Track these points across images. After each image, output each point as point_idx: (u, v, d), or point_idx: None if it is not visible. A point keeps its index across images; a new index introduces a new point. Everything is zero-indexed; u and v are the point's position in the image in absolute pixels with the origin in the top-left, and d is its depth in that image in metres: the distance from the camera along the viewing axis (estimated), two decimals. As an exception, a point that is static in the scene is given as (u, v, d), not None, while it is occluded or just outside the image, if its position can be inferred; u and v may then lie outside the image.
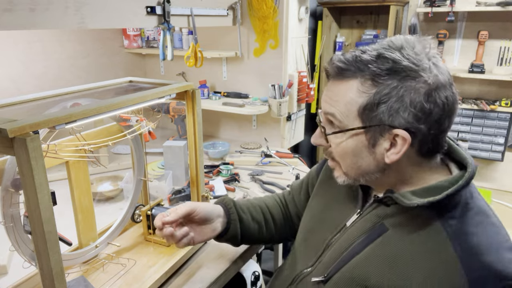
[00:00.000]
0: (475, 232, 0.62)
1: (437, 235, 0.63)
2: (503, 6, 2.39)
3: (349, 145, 0.68)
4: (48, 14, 1.08)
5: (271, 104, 1.99)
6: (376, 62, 0.63)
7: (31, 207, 0.63)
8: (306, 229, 0.90)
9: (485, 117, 2.71)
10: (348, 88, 0.66)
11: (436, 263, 0.62)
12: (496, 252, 0.60)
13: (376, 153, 0.67)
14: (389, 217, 0.70)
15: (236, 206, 0.96)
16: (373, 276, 0.67)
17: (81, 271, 0.96)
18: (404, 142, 0.64)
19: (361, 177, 0.71)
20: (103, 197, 1.49)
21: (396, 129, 0.63)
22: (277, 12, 1.90)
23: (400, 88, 0.62)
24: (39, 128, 0.62)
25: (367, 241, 0.71)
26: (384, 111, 0.63)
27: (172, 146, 1.61)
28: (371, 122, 0.65)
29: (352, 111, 0.66)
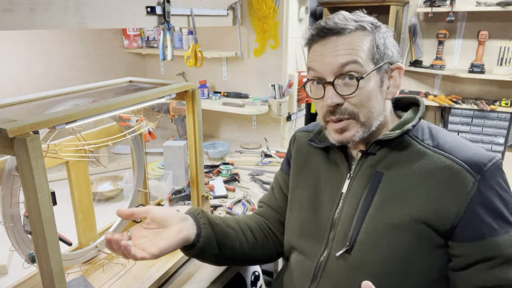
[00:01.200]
0: (449, 140, 0.77)
1: (424, 154, 0.76)
2: (503, 6, 2.39)
3: (370, 88, 0.75)
4: (48, 14, 1.08)
5: (271, 104, 1.99)
6: (364, 16, 0.78)
7: (31, 207, 0.62)
8: (300, 223, 0.89)
9: (485, 117, 2.71)
10: (358, 38, 0.75)
11: (439, 172, 0.73)
12: (470, 145, 0.77)
13: (383, 92, 0.78)
14: (379, 163, 0.79)
15: (203, 211, 0.88)
16: (395, 213, 0.74)
17: (81, 271, 0.96)
18: (400, 73, 0.80)
19: (374, 122, 0.78)
20: (103, 197, 1.49)
21: (395, 63, 0.78)
22: (277, 12, 1.90)
23: (384, 32, 0.78)
24: (39, 128, 0.62)
25: (372, 192, 0.77)
26: (386, 50, 0.77)
27: (172, 146, 1.61)
28: (381, 62, 0.76)
29: (367, 55, 0.75)
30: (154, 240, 0.76)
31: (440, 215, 0.71)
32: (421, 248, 0.73)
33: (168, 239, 0.77)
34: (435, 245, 0.73)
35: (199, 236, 0.83)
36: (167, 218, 0.80)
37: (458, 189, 0.71)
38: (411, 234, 0.73)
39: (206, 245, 0.84)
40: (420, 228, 0.72)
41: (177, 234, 0.78)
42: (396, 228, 0.73)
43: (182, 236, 0.79)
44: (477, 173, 0.71)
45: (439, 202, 0.71)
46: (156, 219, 0.79)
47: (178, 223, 0.80)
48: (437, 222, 0.71)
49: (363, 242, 0.76)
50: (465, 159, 0.73)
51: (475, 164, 0.72)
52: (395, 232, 0.73)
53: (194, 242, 0.82)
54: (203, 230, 0.84)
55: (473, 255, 0.71)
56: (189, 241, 0.81)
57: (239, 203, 1.48)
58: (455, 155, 0.74)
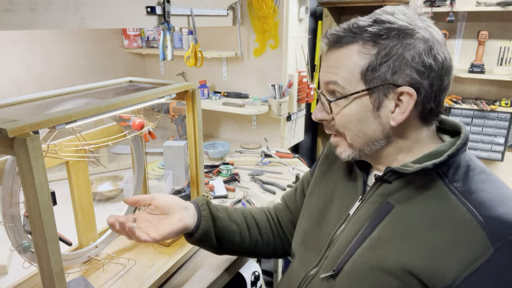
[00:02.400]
0: (482, 188, 0.63)
1: (445, 199, 0.63)
2: (503, 6, 2.39)
3: (353, 111, 0.67)
4: (48, 14, 1.08)
5: (271, 104, 1.99)
6: (373, 25, 0.64)
7: (31, 207, 0.62)
8: (304, 232, 0.86)
9: (485, 117, 2.71)
10: (349, 53, 0.66)
11: (451, 226, 0.61)
12: (508, 203, 0.61)
13: (382, 117, 0.67)
14: (393, 194, 0.69)
15: (208, 203, 0.89)
16: (388, 256, 0.65)
17: (81, 271, 0.96)
18: (410, 99, 0.64)
19: (366, 147, 0.70)
20: (103, 197, 1.49)
21: (400, 87, 0.64)
22: (277, 12, 1.90)
23: (400, 46, 0.63)
24: (39, 128, 0.62)
25: (374, 223, 0.69)
26: (387, 70, 0.64)
27: (172, 146, 1.61)
28: (375, 83, 0.65)
29: (354, 75, 0.66)
30: (156, 225, 0.81)
31: (434, 274, 0.60)
32: None
33: (169, 225, 0.80)
34: None
35: (197, 228, 0.84)
36: (170, 205, 0.83)
37: (467, 251, 0.58)
38: (399, 284, 0.63)
39: (203, 237, 0.85)
40: (408, 281, 0.62)
41: (178, 222, 0.81)
42: (385, 272, 0.65)
43: (182, 224, 0.82)
44: (497, 240, 0.57)
45: (440, 259, 0.60)
46: (160, 206, 0.83)
47: (180, 211, 0.83)
48: (430, 280, 0.60)
49: (348, 274, 0.69)
50: (490, 217, 0.59)
51: (499, 228, 0.58)
52: (383, 275, 0.65)
53: (193, 232, 0.84)
54: (203, 223, 0.85)
55: None
56: (189, 230, 0.84)
57: (239, 203, 1.48)
58: (480, 209, 0.60)
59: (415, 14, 0.66)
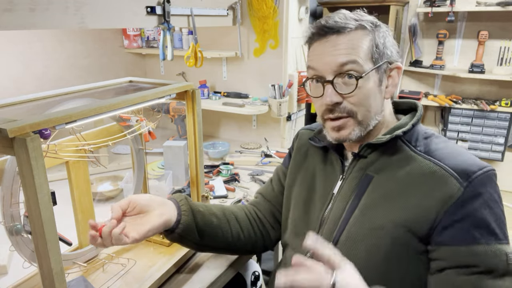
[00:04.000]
0: (440, 147, 0.76)
1: (414, 160, 0.76)
2: (503, 6, 2.39)
3: (369, 88, 0.76)
4: (48, 14, 1.08)
5: (271, 104, 1.99)
6: (364, 15, 0.78)
7: (31, 207, 0.62)
8: (292, 221, 0.91)
9: (485, 117, 2.71)
10: (358, 37, 0.75)
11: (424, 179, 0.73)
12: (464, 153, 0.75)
13: (382, 91, 0.78)
14: (370, 166, 0.79)
15: (187, 198, 0.90)
16: (378, 217, 0.74)
17: (81, 271, 0.96)
18: (399, 72, 0.80)
19: (372, 122, 0.78)
20: (103, 197, 1.49)
21: (394, 63, 0.79)
22: (277, 12, 1.90)
23: (383, 32, 0.78)
24: (39, 128, 0.62)
25: (360, 194, 0.78)
26: (386, 49, 0.77)
27: (172, 146, 1.61)
28: (380, 61, 0.76)
29: (367, 55, 0.75)
30: (134, 225, 0.79)
31: (419, 220, 0.71)
32: (399, 254, 0.73)
33: (148, 223, 0.79)
34: (414, 251, 0.72)
35: (178, 222, 0.84)
36: (148, 204, 0.82)
37: (442, 194, 0.70)
38: (390, 239, 0.73)
39: (185, 232, 0.85)
40: (400, 233, 0.72)
41: (159, 218, 0.81)
42: (376, 231, 0.74)
43: (163, 219, 0.81)
44: (465, 180, 0.70)
45: (421, 207, 0.71)
46: (137, 206, 0.81)
47: (158, 207, 0.82)
48: (416, 226, 0.71)
49: (345, 243, 0.77)
50: (453, 166, 0.72)
51: (463, 171, 0.71)
52: (375, 235, 0.74)
53: (174, 228, 0.84)
54: (183, 217, 0.85)
55: (448, 259, 0.70)
56: (170, 226, 0.83)
57: (239, 203, 1.48)
58: (444, 161, 0.73)
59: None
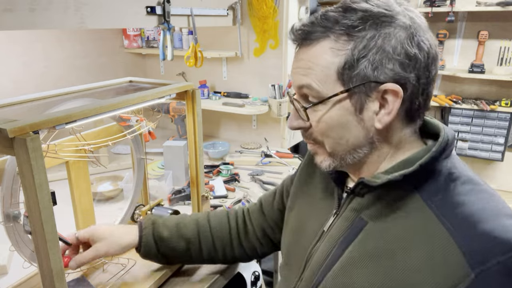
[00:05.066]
0: (465, 201, 0.54)
1: (421, 215, 0.55)
2: (503, 6, 2.39)
3: (333, 117, 0.58)
4: (48, 14, 1.08)
5: (271, 104, 1.99)
6: (345, 16, 0.56)
7: (31, 207, 0.62)
8: (286, 250, 0.80)
9: (485, 117, 2.71)
10: (321, 51, 0.57)
11: (426, 247, 0.53)
12: (494, 218, 0.52)
13: (365, 120, 0.58)
14: (365, 209, 0.61)
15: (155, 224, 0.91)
16: (359, 281, 0.58)
17: (81, 271, 0.96)
18: (396, 97, 0.55)
19: (348, 155, 0.61)
20: (103, 197, 1.49)
21: (384, 84, 0.55)
22: (277, 12, 1.90)
23: (378, 36, 0.54)
24: (39, 128, 0.62)
25: (346, 242, 0.62)
26: (367, 66, 0.55)
27: (172, 146, 1.61)
28: (355, 82, 0.56)
29: (330, 76, 0.57)
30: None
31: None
32: None
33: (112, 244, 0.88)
34: None
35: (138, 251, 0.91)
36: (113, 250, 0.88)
37: (442, 274, 0.51)
38: None
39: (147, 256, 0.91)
40: None
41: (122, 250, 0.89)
42: None
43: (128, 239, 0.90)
44: (478, 264, 0.49)
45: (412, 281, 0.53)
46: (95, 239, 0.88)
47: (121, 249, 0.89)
48: None
49: None
50: (470, 237, 0.51)
51: (480, 250, 0.50)
52: None
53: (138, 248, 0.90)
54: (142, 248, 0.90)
55: None
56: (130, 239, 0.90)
57: (239, 203, 1.48)
58: (460, 227, 0.52)
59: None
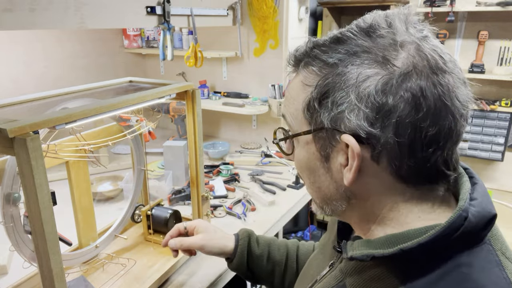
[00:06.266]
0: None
1: None
2: (503, 6, 2.39)
3: (302, 157, 0.52)
4: (48, 14, 1.08)
5: (271, 104, 1.99)
6: (330, 47, 0.47)
7: (31, 207, 0.62)
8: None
9: (485, 117, 2.71)
10: (296, 83, 0.50)
11: None
12: None
13: (332, 171, 0.49)
14: (349, 276, 0.51)
15: (251, 238, 0.88)
16: None
17: (81, 271, 0.96)
18: (354, 155, 0.44)
19: (325, 205, 0.53)
20: (103, 197, 1.49)
21: (343, 134, 0.45)
22: (277, 12, 1.90)
23: (346, 73, 0.43)
24: (39, 128, 0.62)
25: None
26: (326, 109, 0.45)
27: (172, 146, 1.61)
28: (315, 125, 0.47)
29: (299, 112, 0.49)
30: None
31: None
32: None
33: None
34: None
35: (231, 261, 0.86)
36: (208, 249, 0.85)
37: None
38: None
39: (235, 271, 0.87)
40: None
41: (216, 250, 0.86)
42: None
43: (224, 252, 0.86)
44: None
45: None
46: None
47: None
48: None
49: None
50: None
51: None
52: None
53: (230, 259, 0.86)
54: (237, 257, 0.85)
55: None
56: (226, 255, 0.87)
57: (239, 203, 1.48)
58: None
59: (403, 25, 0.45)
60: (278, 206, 1.46)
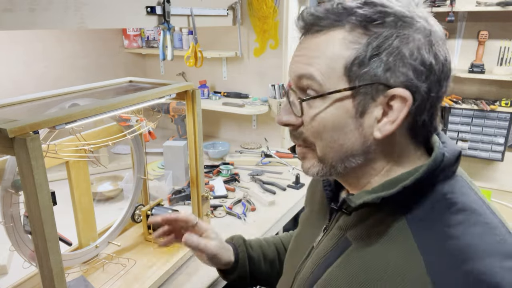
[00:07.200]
0: (453, 234, 0.46)
1: (403, 242, 0.49)
2: (503, 6, 2.39)
3: (329, 116, 0.52)
4: (48, 14, 1.08)
5: (271, 104, 1.99)
6: (364, 8, 0.50)
7: (31, 207, 0.62)
8: (284, 267, 0.77)
9: (485, 117, 2.71)
10: (330, 41, 0.51)
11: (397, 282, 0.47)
12: (485, 257, 0.44)
13: (364, 126, 0.52)
14: (351, 228, 0.56)
15: (246, 243, 0.88)
16: None
17: (81, 271, 0.96)
18: (404, 105, 0.49)
19: (339, 163, 0.55)
20: (103, 197, 1.49)
21: (393, 88, 0.49)
22: (277, 12, 1.90)
23: (396, 36, 0.49)
24: (39, 128, 0.62)
25: (328, 262, 0.57)
26: (379, 65, 0.49)
27: (172, 146, 1.61)
28: (362, 81, 0.50)
29: (336, 69, 0.51)
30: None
31: None
32: None
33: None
34: None
35: (234, 270, 0.84)
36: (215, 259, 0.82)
37: None
38: None
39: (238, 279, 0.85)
40: None
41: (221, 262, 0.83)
42: None
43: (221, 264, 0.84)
44: None
45: None
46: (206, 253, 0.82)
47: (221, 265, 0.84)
48: None
49: None
50: (450, 281, 0.43)
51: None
52: None
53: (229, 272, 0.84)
54: (239, 265, 0.84)
55: None
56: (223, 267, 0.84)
57: (239, 203, 1.48)
58: (441, 268, 0.45)
59: (412, 1, 0.52)
60: (278, 206, 1.47)
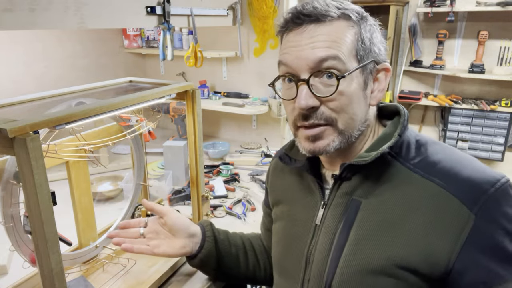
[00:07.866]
0: (440, 159, 0.62)
1: (409, 179, 0.62)
2: (503, 6, 2.39)
3: (353, 90, 0.62)
4: (48, 14, 1.08)
5: (271, 104, 1.99)
6: (343, 7, 0.63)
7: (31, 207, 0.62)
8: (278, 262, 0.79)
9: (485, 117, 2.71)
10: (341, 28, 0.61)
11: (425, 204, 0.59)
12: (468, 164, 0.61)
13: (367, 96, 0.65)
14: (356, 190, 0.65)
15: (212, 225, 0.91)
16: (373, 256, 0.60)
17: (81, 271, 0.96)
18: (387, 75, 0.66)
19: (355, 131, 0.65)
20: (103, 197, 1.49)
21: (383, 63, 0.65)
22: (277, 12, 1.90)
23: (371, 25, 0.65)
24: (39, 128, 0.62)
25: (347, 226, 0.64)
26: (373, 47, 0.64)
27: (172, 146, 1.61)
28: (366, 59, 0.63)
29: (351, 51, 0.62)
30: (161, 241, 0.87)
31: (427, 259, 0.57)
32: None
33: (171, 248, 0.86)
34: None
35: (201, 248, 0.87)
36: (178, 229, 0.87)
37: (449, 225, 0.57)
38: (393, 281, 0.59)
39: (206, 258, 0.88)
40: (404, 276, 0.58)
41: (180, 249, 0.86)
42: (374, 274, 0.60)
43: (183, 251, 0.87)
44: (474, 204, 0.56)
45: (426, 241, 0.58)
46: (168, 225, 0.87)
47: (185, 238, 0.87)
48: (424, 268, 0.58)
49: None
50: (458, 186, 0.58)
51: (471, 192, 0.57)
52: (374, 278, 0.60)
53: (196, 253, 0.87)
54: (206, 243, 0.87)
55: None
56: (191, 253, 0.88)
57: (239, 203, 1.48)
58: (447, 179, 0.59)
59: None
60: (278, 206, 1.46)
